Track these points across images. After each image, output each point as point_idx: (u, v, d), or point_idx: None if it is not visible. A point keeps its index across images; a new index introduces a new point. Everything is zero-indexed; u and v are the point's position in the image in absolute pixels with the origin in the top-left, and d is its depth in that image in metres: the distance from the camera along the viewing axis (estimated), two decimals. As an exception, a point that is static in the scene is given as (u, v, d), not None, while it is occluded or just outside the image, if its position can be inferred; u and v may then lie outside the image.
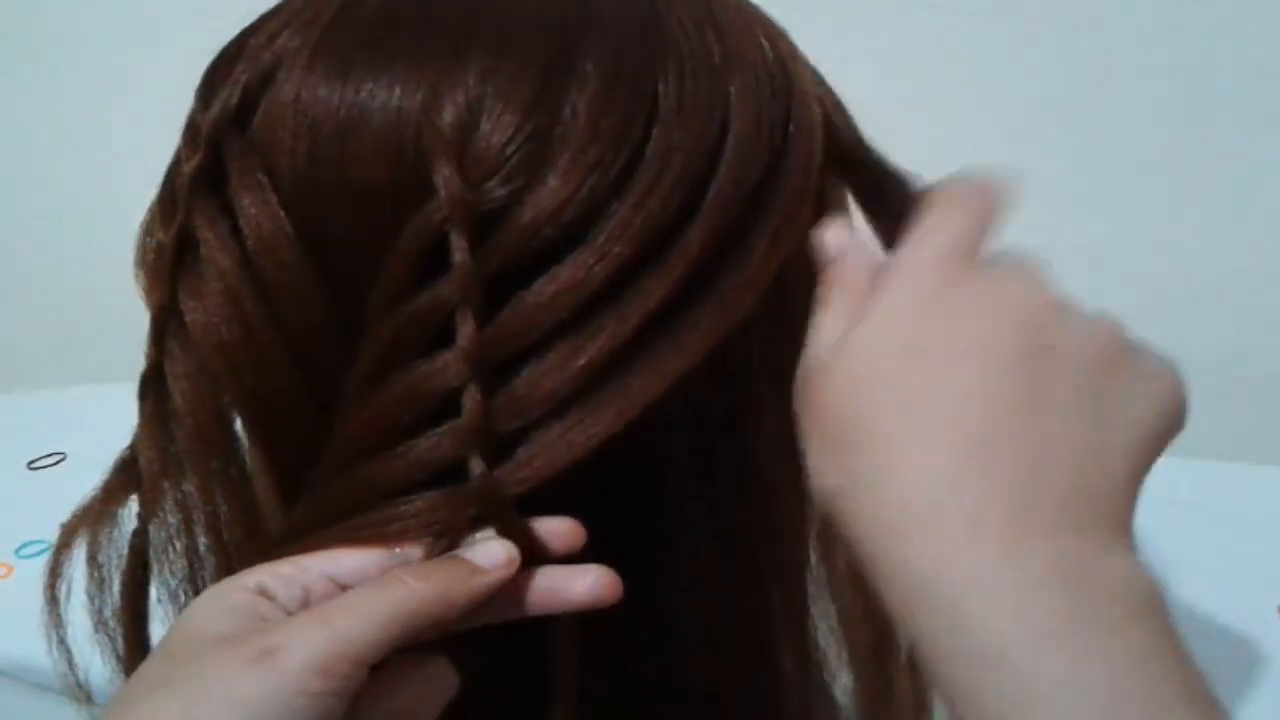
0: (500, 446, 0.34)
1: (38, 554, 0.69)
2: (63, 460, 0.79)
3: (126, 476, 0.38)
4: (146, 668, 0.32)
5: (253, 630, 0.31)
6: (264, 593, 0.33)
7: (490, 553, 0.34)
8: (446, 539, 0.34)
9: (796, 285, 0.38)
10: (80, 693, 0.41)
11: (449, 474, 0.34)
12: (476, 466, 0.34)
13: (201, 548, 0.38)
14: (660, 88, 0.34)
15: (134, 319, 0.39)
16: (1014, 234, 0.85)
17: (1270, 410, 0.85)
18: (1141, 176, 0.82)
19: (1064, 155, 0.82)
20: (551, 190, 0.33)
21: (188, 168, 0.36)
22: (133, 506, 0.39)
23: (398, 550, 0.34)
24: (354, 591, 0.33)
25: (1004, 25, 0.79)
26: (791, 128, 0.37)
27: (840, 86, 0.41)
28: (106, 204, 0.94)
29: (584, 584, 0.34)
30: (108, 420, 0.42)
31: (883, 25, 0.81)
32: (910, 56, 0.81)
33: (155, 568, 0.38)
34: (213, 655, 0.31)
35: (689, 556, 0.40)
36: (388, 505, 0.34)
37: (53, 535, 0.68)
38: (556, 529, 0.35)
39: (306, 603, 0.33)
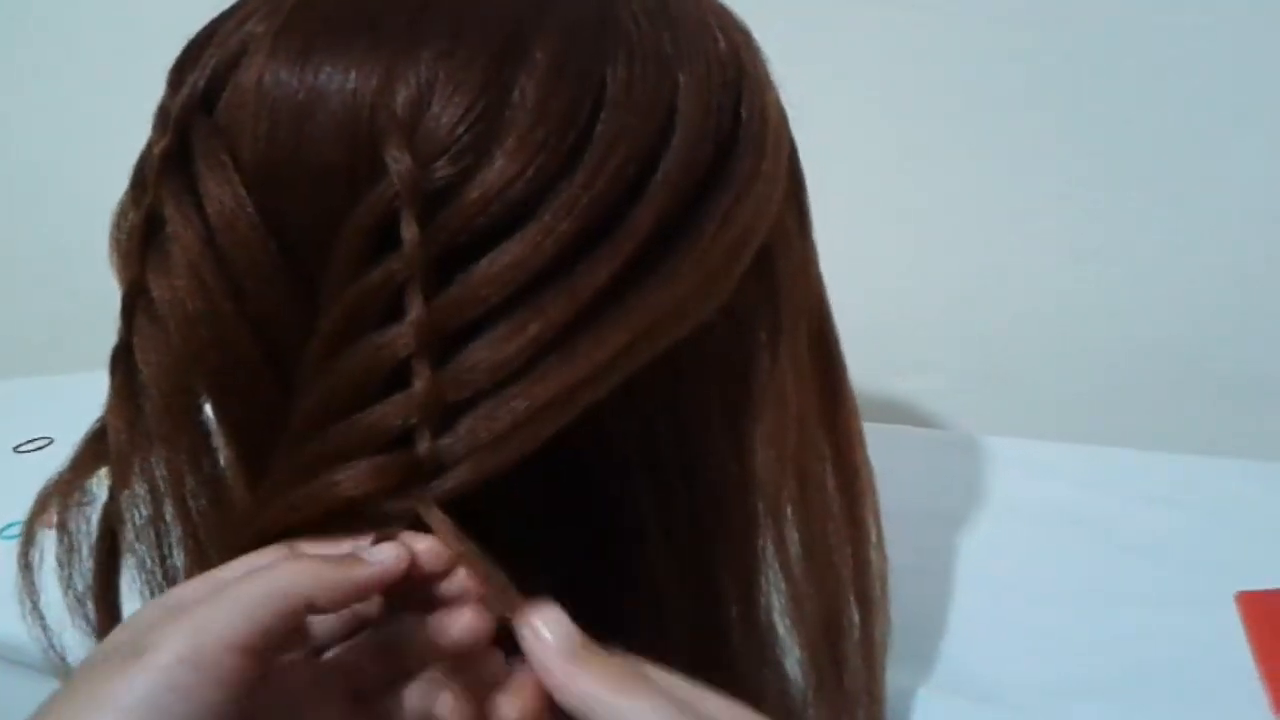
0: (449, 416, 0.34)
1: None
2: (49, 444, 0.80)
3: (97, 448, 0.39)
4: (51, 696, 0.32)
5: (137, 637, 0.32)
6: (181, 609, 0.32)
7: (380, 551, 0.34)
8: (373, 513, 0.34)
9: (746, 281, 0.40)
10: (54, 658, 0.42)
11: (400, 444, 0.35)
12: (422, 434, 0.34)
13: (168, 517, 0.39)
14: (609, 75, 0.36)
15: (116, 307, 0.40)
16: (1000, 230, 0.87)
17: (1235, 405, 0.85)
18: (1125, 175, 0.82)
19: (1047, 153, 0.83)
20: (499, 169, 0.34)
21: (156, 150, 0.37)
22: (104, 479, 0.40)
23: (299, 547, 0.34)
24: (224, 584, 0.32)
25: (990, 23, 0.80)
26: (743, 114, 0.38)
27: (829, 83, 0.42)
28: (93, 192, 0.95)
29: (459, 627, 0.34)
30: (93, 406, 0.42)
31: (871, 23, 0.81)
32: (897, 54, 0.82)
33: (125, 537, 0.39)
34: (101, 664, 0.31)
35: (641, 548, 0.41)
36: (330, 473, 0.35)
37: None
38: (423, 547, 0.34)
39: None
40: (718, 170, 0.37)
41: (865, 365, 0.49)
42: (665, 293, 0.36)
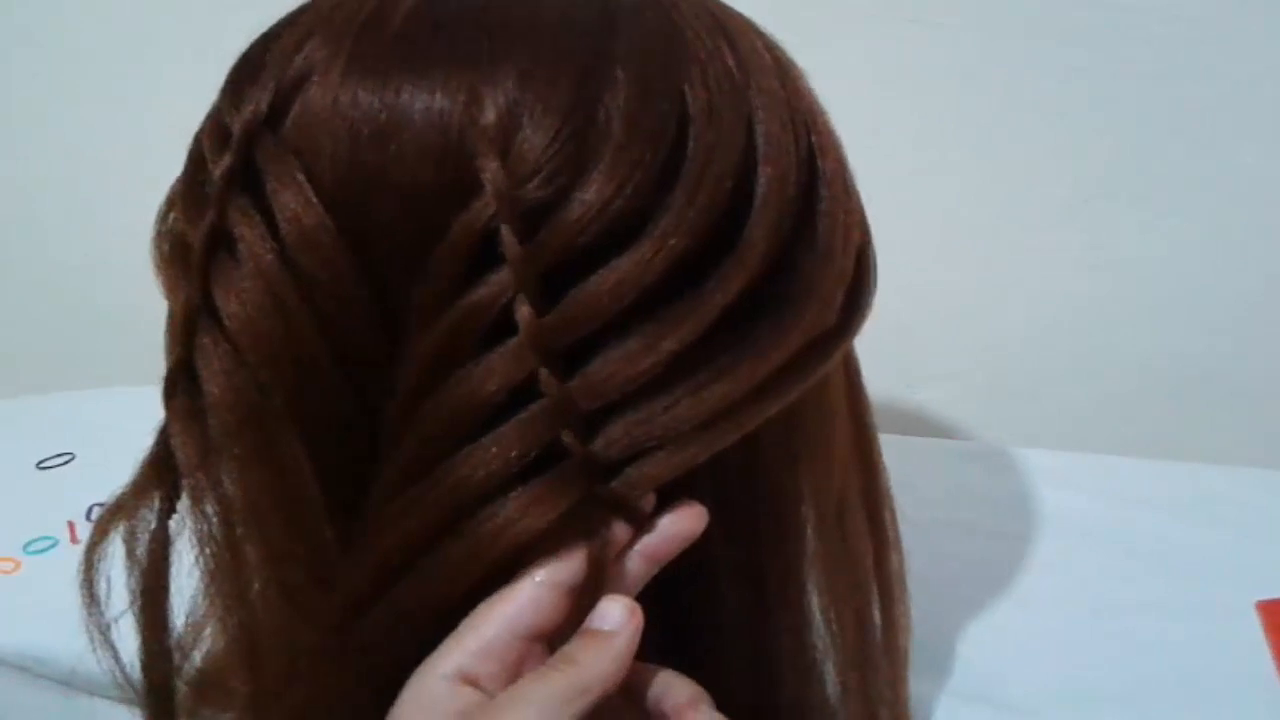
0: (592, 425, 0.35)
1: (44, 550, 0.70)
2: (70, 460, 0.79)
3: (158, 472, 0.38)
4: None
5: None
6: (464, 677, 0.35)
7: (609, 614, 0.36)
8: (577, 527, 0.36)
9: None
10: (128, 690, 0.41)
11: (537, 467, 0.35)
12: (570, 438, 0.35)
13: (240, 538, 0.38)
14: (687, 91, 0.36)
15: (136, 323, 0.40)
16: (1012, 240, 0.87)
17: (1251, 414, 0.85)
18: (1138, 185, 0.82)
19: (1059, 164, 0.83)
20: (597, 187, 0.34)
21: (218, 169, 0.36)
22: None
23: (537, 579, 0.36)
24: (527, 687, 0.35)
25: (1002, 36, 0.80)
26: (811, 133, 0.39)
27: (838, 96, 0.42)
28: (108, 208, 0.93)
29: (682, 523, 0.38)
30: (114, 421, 0.42)
31: (882, 37, 0.81)
32: (907, 66, 0.82)
33: (196, 560, 0.39)
34: None
35: (707, 578, 0.41)
36: (493, 505, 0.35)
37: (59, 532, 0.71)
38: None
39: (511, 674, 0.35)
40: (812, 184, 0.38)
41: (878, 376, 0.49)
42: (813, 313, 0.38)
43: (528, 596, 0.35)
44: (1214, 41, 0.77)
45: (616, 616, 0.36)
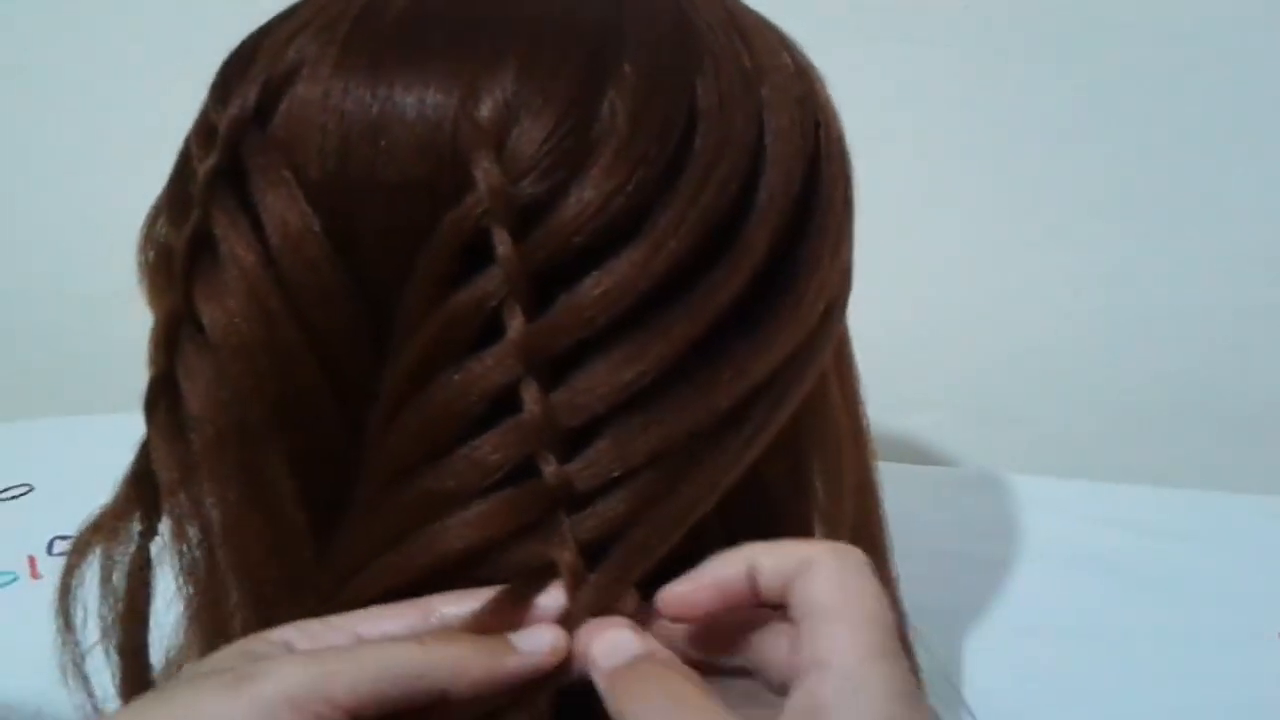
0: (572, 444, 0.33)
1: (3, 585, 0.67)
2: (29, 492, 0.76)
3: (139, 490, 0.37)
4: (142, 696, 0.31)
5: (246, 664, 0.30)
6: (289, 647, 0.32)
7: (533, 638, 0.32)
8: (511, 562, 0.33)
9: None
10: None
11: (517, 478, 0.33)
12: (545, 459, 0.33)
13: (221, 560, 0.36)
14: (698, 87, 0.35)
15: (97, 353, 0.38)
16: (1000, 263, 0.86)
17: (1241, 438, 0.85)
18: (1128, 206, 0.82)
19: (1048, 186, 0.83)
20: (596, 184, 0.33)
21: (203, 167, 0.35)
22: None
23: (434, 618, 0.33)
24: (363, 642, 0.32)
25: (990, 57, 0.80)
26: (821, 132, 0.38)
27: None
28: (66, 238, 0.93)
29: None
30: (73, 452, 0.40)
31: (873, 57, 0.81)
32: (896, 89, 0.82)
33: (177, 583, 0.37)
34: (197, 682, 0.30)
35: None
36: (445, 517, 0.33)
37: (19, 567, 0.68)
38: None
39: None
40: (814, 188, 0.37)
41: (865, 400, 0.47)
42: (798, 324, 0.36)
43: (399, 621, 0.32)
44: (1210, 61, 0.77)
45: (539, 641, 0.32)
